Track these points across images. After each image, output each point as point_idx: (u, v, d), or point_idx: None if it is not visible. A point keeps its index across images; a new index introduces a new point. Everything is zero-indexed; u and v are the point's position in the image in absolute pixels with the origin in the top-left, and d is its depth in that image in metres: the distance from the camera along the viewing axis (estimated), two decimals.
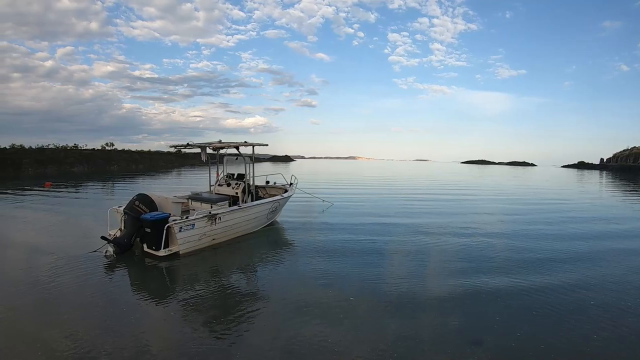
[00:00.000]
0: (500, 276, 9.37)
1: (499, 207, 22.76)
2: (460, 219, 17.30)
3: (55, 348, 5.71)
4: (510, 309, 7.41)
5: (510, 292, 8.26)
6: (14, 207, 19.35)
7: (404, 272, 9.63)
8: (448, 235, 13.94)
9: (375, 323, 6.83)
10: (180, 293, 8.20)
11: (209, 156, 14.30)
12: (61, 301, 7.48)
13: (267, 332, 6.38)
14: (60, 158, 57.40)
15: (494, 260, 10.73)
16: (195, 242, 11.00)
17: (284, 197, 15.14)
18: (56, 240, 11.92)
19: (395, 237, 13.44)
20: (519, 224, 16.62)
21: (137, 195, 11.40)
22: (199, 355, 5.63)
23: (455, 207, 22.08)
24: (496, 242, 12.92)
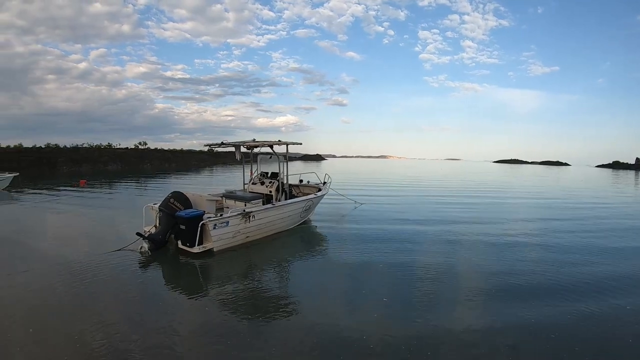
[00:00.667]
0: (543, 298, 8.47)
1: (537, 211, 21.24)
2: (495, 225, 16.11)
3: (90, 340, 5.69)
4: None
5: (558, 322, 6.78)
6: (51, 204, 19.83)
7: (437, 274, 9.23)
8: (482, 241, 13.16)
9: (410, 324, 6.57)
10: (213, 289, 8.15)
11: (243, 155, 14.28)
12: (96, 295, 7.50)
13: (299, 330, 6.26)
14: (94, 157, 58.71)
15: (535, 277, 9.75)
16: (229, 239, 10.94)
17: (317, 195, 14.97)
18: (91, 236, 12.11)
19: (426, 239, 12.91)
20: (562, 232, 14.89)
21: (172, 193, 11.43)
22: (231, 350, 5.55)
23: (490, 210, 21.15)
24: (537, 255, 11.42)
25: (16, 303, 7.11)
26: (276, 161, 14.00)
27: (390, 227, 14.56)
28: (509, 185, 41.19)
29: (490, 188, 35.60)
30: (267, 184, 14.06)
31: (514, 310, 7.18)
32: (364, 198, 22.86)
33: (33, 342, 5.63)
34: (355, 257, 10.53)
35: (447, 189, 33.53)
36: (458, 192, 30.78)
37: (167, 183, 34.32)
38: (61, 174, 44.17)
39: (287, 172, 14.00)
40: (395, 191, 30.06)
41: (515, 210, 21.06)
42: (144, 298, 7.51)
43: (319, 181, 16.49)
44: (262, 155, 15.52)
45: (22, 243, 11.59)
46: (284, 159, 13.93)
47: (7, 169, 27.62)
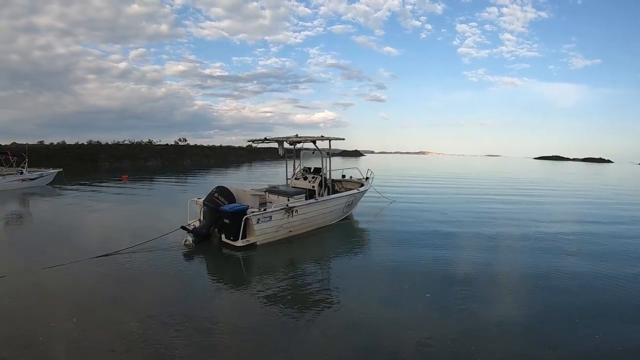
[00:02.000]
0: (580, 279, 8.48)
1: (587, 212, 20.07)
2: (538, 225, 15.15)
3: (133, 331, 5.73)
4: None
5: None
6: (95, 199, 20.44)
7: (478, 269, 9.03)
8: (526, 238, 12.46)
9: (454, 318, 6.45)
10: (255, 282, 8.11)
11: (285, 150, 14.26)
12: (139, 286, 7.63)
13: (342, 325, 6.15)
14: (134, 153, 60.02)
15: (568, 262, 9.64)
16: (272, 233, 10.92)
17: (360, 191, 14.77)
18: (135, 229, 12.32)
19: (465, 236, 12.50)
20: (618, 238, 13.33)
21: (216, 188, 11.59)
22: (271, 344, 5.50)
23: (532, 209, 20.32)
24: (585, 265, 9.97)
25: (62, 293, 7.27)
26: (318, 157, 13.93)
27: (428, 224, 14.14)
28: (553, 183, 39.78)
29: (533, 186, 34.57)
30: (310, 179, 13.97)
31: (556, 308, 6.94)
32: (401, 194, 22.52)
33: (77, 332, 5.70)
34: (395, 253, 10.35)
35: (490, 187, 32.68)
36: (499, 189, 29.99)
37: (207, 179, 34.70)
38: (103, 169, 45.43)
39: (330, 167, 13.90)
40: (433, 187, 29.50)
41: (560, 210, 20.18)
42: (188, 290, 7.55)
43: (361, 176, 16.32)
44: (305, 151, 15.46)
45: (69, 235, 12.05)
46: (326, 155, 13.84)
47: (51, 165, 28.31)
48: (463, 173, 52.23)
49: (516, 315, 6.61)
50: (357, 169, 16.64)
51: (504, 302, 7.25)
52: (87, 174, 36.69)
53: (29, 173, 24.47)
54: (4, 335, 5.61)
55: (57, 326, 5.87)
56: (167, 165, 56.69)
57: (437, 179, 39.31)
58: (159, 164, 58.71)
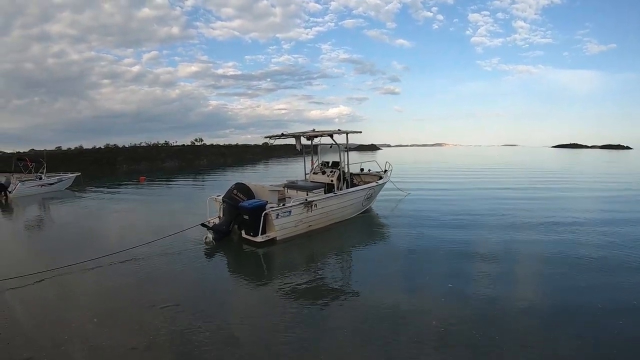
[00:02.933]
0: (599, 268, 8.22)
1: (599, 199, 19.22)
2: (557, 213, 14.69)
3: (155, 327, 5.76)
4: None
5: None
6: (113, 200, 20.75)
7: (497, 259, 8.96)
8: (543, 226, 12.08)
9: (477, 308, 6.39)
10: (277, 277, 8.13)
11: (302, 145, 14.21)
12: (161, 284, 7.65)
13: (365, 317, 6.10)
14: (151, 155, 60.41)
15: (589, 255, 9.06)
16: (292, 228, 10.87)
17: (379, 184, 14.63)
18: (155, 228, 12.33)
19: (483, 226, 12.28)
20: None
21: (235, 184, 11.56)
22: (293, 338, 5.47)
23: (554, 201, 19.82)
24: (610, 255, 9.89)
25: (82, 292, 7.33)
26: (335, 151, 13.86)
27: (446, 215, 13.93)
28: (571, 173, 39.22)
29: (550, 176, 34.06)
30: (328, 173, 13.89)
31: (580, 297, 6.82)
32: (417, 187, 22.25)
33: (99, 331, 5.71)
34: (415, 245, 10.29)
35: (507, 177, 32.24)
36: (516, 179, 29.56)
37: (224, 177, 34.79)
38: (120, 172, 45.87)
39: (348, 160, 13.82)
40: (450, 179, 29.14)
41: (577, 199, 19.81)
42: (209, 287, 7.55)
43: (379, 169, 16.20)
44: (322, 145, 15.39)
45: (89, 235, 12.27)
46: (344, 148, 13.76)
47: (69, 170, 28.57)
48: (480, 163, 51.79)
49: (540, 306, 6.49)
50: (376, 162, 16.51)
51: (526, 292, 7.09)
52: (105, 177, 37.11)
53: (48, 178, 24.71)
54: (27, 335, 5.64)
55: (78, 326, 5.89)
56: (184, 165, 57.01)
57: (453, 170, 38.90)
58: (176, 164, 59.06)
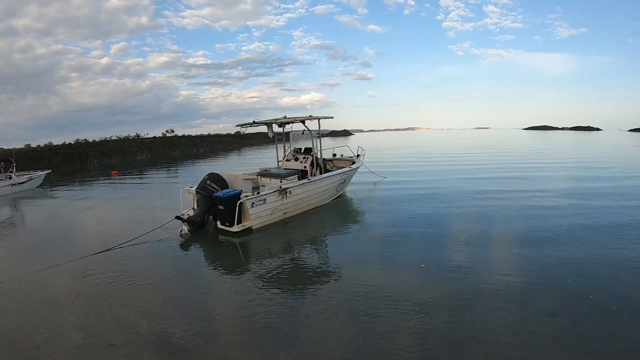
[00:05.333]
0: (569, 245, 8.52)
1: (566, 177, 20.79)
2: (524, 191, 15.47)
3: (134, 323, 5.77)
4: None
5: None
6: (86, 197, 20.15)
7: (471, 240, 9.24)
8: (512, 206, 12.78)
9: (448, 287, 6.59)
10: (254, 267, 8.14)
11: (275, 133, 14.19)
12: (138, 279, 7.57)
13: (342, 302, 6.22)
14: (123, 148, 59.26)
15: (562, 232, 9.53)
16: (268, 216, 10.90)
17: (352, 168, 14.73)
18: (130, 223, 12.28)
19: (456, 205, 12.84)
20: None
21: (208, 175, 11.46)
22: (274, 327, 5.52)
23: (518, 176, 20.64)
24: (569, 221, 11.57)
25: (59, 293, 7.18)
26: (308, 137, 13.88)
27: (419, 198, 14.25)
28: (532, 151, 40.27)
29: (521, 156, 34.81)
30: (301, 160, 13.90)
31: (551, 273, 7.05)
32: (392, 170, 22.59)
33: (76, 329, 5.68)
34: (389, 228, 10.52)
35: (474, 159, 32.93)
36: (486, 161, 30.18)
37: (198, 168, 34.49)
38: (92, 167, 44.85)
39: (321, 146, 13.83)
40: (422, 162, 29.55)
41: (543, 177, 20.18)
42: (187, 280, 7.54)
43: (352, 154, 16.28)
44: (294, 132, 15.38)
45: (62, 235, 11.90)
46: (316, 134, 13.77)
47: (39, 168, 27.99)
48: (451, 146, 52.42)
49: (511, 284, 6.68)
50: (348, 147, 16.62)
51: (498, 271, 7.27)
52: (77, 173, 36.23)
53: (18, 177, 24.14)
54: (5, 337, 5.61)
55: (56, 326, 5.84)
56: (156, 158, 56.20)
57: (427, 154, 39.43)
58: (148, 157, 58.21)
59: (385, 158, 33.59)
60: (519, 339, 4.97)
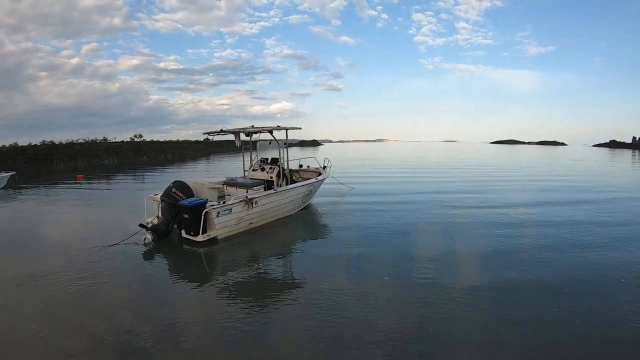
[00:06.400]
0: (534, 255, 9.12)
1: (528, 189, 22.21)
2: (489, 202, 16.82)
3: (97, 334, 5.69)
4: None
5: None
6: (49, 201, 19.61)
7: (434, 253, 9.55)
8: (476, 215, 13.65)
9: (411, 301, 6.76)
10: (219, 277, 8.17)
11: (242, 142, 14.21)
12: (101, 289, 7.44)
13: (304, 314, 6.31)
14: (89, 151, 58.10)
15: (525, 242, 10.35)
16: (233, 226, 10.90)
17: (318, 180, 14.90)
18: (94, 231, 12.04)
19: (422, 218, 13.35)
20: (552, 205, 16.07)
21: (173, 182, 11.33)
22: (238, 338, 5.56)
23: (483, 189, 21.62)
24: (534, 231, 12.46)
25: (18, 305, 7.00)
26: (275, 147, 13.95)
27: (386, 209, 14.74)
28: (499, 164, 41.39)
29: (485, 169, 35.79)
30: (268, 170, 13.95)
31: (511, 284, 7.43)
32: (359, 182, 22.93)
33: (35, 341, 5.58)
34: (354, 240, 10.71)
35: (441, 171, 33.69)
36: (453, 173, 31.03)
37: (165, 174, 34.08)
38: (58, 170, 43.80)
39: (287, 157, 13.93)
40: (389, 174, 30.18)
41: (507, 189, 21.48)
42: (150, 290, 7.50)
43: (318, 166, 16.41)
44: (261, 142, 15.41)
45: (24, 241, 11.45)
46: (283, 145, 13.85)
47: (3, 169, 27.31)
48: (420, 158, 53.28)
49: (473, 294, 7.00)
50: (314, 158, 16.76)
51: (461, 281, 7.65)
52: (42, 176, 35.40)
53: None
54: None
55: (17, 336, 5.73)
56: (123, 162, 55.34)
57: (395, 165, 40.24)
58: (115, 161, 57.24)
59: (353, 169, 34.01)
60: (482, 349, 5.24)
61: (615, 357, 5.13)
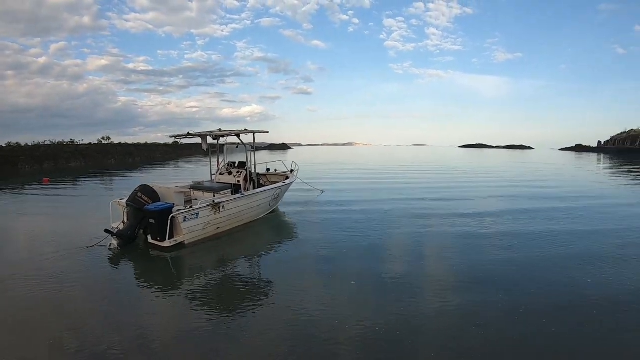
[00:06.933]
0: (500, 258, 9.50)
1: (493, 191, 23.12)
2: (454, 205, 17.57)
3: (64, 343, 5.65)
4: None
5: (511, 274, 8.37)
6: (15, 205, 19.16)
7: (402, 255, 9.85)
8: (443, 217, 14.12)
9: (377, 304, 6.93)
10: (186, 283, 8.19)
11: (209, 145, 14.21)
12: (67, 297, 7.38)
13: (273, 319, 6.40)
14: (56, 154, 57.00)
15: (492, 244, 10.76)
16: (200, 231, 10.92)
17: (285, 184, 15.03)
18: (59, 236, 11.79)
19: (389, 220, 13.71)
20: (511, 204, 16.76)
21: (139, 187, 11.24)
22: (205, 344, 5.60)
23: (449, 191, 22.32)
24: (492, 225, 13.10)
25: None
26: (243, 151, 13.98)
27: (354, 213, 15.11)
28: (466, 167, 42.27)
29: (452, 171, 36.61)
30: (235, 174, 14.02)
31: (477, 287, 7.69)
32: (327, 186, 23.33)
33: (3, 349, 5.54)
34: (321, 244, 10.85)
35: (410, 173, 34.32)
36: (420, 176, 31.69)
37: (132, 178, 33.66)
38: (23, 173, 42.86)
39: (255, 161, 13.98)
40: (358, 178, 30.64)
41: (472, 191, 22.46)
42: (117, 296, 7.45)
43: (286, 169, 16.52)
44: (228, 145, 15.44)
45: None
46: (251, 148, 13.91)
47: None
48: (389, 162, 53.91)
49: (439, 297, 7.18)
50: (282, 162, 16.87)
51: (427, 284, 7.89)
52: (6, 179, 34.72)
53: None
54: None
55: None
56: (91, 165, 54.40)
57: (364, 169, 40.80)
58: (82, 164, 56.21)
59: (322, 173, 34.29)
60: (449, 351, 5.45)
61: (583, 353, 5.42)
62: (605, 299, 7.01)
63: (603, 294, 7.22)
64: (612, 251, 9.93)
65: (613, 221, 13.56)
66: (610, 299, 7.02)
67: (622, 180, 31.28)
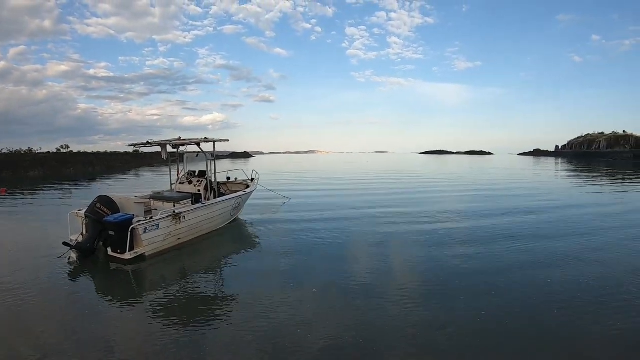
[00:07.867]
0: (463, 262, 9.93)
1: (448, 192, 24.39)
2: (415, 210, 18.43)
3: (20, 355, 5.65)
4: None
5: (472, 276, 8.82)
6: None
7: (365, 262, 10.22)
8: (406, 223, 14.76)
9: (340, 312, 7.13)
10: (148, 296, 8.22)
11: (169, 154, 14.19)
12: (25, 310, 7.31)
13: (235, 330, 6.48)
14: (14, 163, 55.50)
15: (453, 246, 11.41)
16: (161, 242, 10.91)
17: (246, 192, 15.18)
18: (16, 249, 11.58)
19: (352, 228, 14.19)
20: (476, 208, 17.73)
21: (98, 197, 11.14)
22: (168, 358, 5.61)
23: (409, 197, 23.25)
24: (453, 228, 13.74)
25: None
26: (203, 160, 14.01)
27: (317, 221, 15.54)
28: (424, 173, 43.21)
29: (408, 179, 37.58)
30: (195, 183, 14.08)
31: (440, 291, 8.03)
32: (290, 193, 23.64)
33: None
34: (283, 252, 11.07)
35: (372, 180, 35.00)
36: (383, 183, 32.64)
37: (92, 188, 33.00)
38: None
39: (215, 169, 14.03)
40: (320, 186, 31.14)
41: (433, 196, 23.55)
42: (77, 311, 7.37)
43: (246, 178, 16.61)
44: (188, 154, 15.45)
45: None
46: (211, 157, 13.96)
47: None
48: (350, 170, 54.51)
49: (403, 302, 7.46)
50: (242, 170, 16.95)
51: (390, 289, 8.16)
52: None
53: None
54: None
55: None
56: (49, 174, 53.04)
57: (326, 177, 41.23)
58: (41, 173, 54.81)
59: (284, 182, 34.36)
60: (414, 354, 5.68)
61: (544, 351, 5.72)
62: (564, 299, 7.49)
63: (563, 293, 7.74)
64: (571, 253, 10.60)
65: (578, 226, 14.35)
66: (569, 298, 7.51)
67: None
